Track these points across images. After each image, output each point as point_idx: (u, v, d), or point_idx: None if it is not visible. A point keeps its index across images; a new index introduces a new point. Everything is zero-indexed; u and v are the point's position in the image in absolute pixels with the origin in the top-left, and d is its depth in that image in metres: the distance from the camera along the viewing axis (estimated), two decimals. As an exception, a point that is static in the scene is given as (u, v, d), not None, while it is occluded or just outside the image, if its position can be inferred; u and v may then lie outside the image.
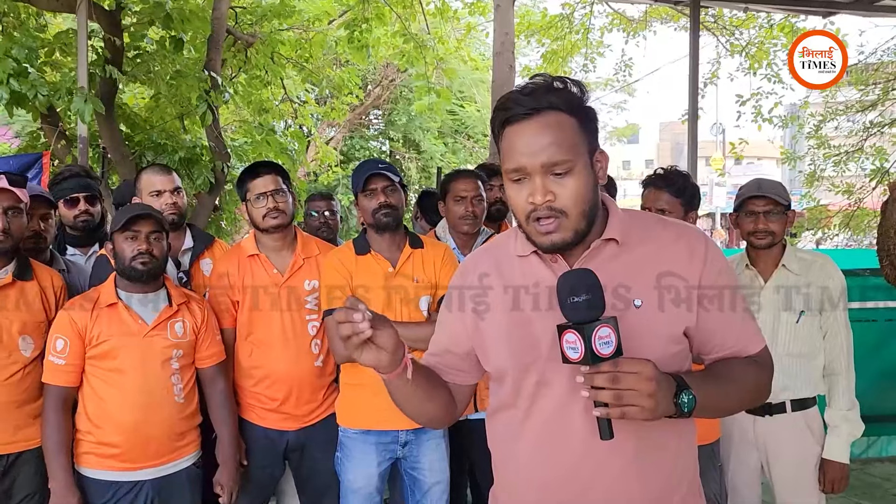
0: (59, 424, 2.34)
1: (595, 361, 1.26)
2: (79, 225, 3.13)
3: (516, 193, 1.40)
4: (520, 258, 1.51)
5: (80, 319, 2.37)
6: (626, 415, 1.26)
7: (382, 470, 2.65)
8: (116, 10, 5.44)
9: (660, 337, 1.42)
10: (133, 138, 6.04)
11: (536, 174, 1.35)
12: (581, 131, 1.38)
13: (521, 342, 1.45)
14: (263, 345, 2.70)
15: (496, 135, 1.44)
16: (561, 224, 1.37)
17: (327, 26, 8.95)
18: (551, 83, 1.39)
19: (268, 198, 2.69)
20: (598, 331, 1.26)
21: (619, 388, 1.25)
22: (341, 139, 15.96)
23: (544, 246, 1.40)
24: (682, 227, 1.54)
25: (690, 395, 1.32)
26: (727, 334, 1.47)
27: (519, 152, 1.37)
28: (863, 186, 9.61)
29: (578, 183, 1.37)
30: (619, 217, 1.47)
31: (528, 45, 13.41)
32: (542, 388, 1.44)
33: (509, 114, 1.38)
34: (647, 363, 1.28)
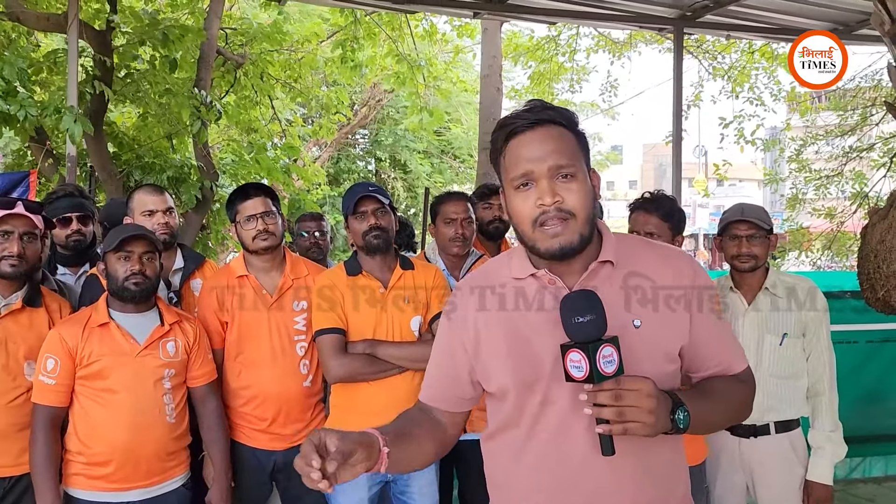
0: (47, 444, 2.33)
1: (599, 380, 1.30)
2: (70, 244, 3.13)
3: (522, 201, 1.42)
4: (517, 280, 1.53)
5: (71, 339, 2.37)
6: (628, 431, 1.30)
7: (373, 494, 2.65)
8: (107, 30, 5.46)
9: (657, 355, 1.46)
10: (121, 157, 6.05)
11: (543, 178, 1.39)
12: (578, 146, 1.45)
13: (522, 362, 1.47)
14: (252, 365, 2.71)
15: (498, 152, 1.48)
16: (569, 226, 1.40)
17: (316, 47, 9.02)
18: (549, 104, 1.47)
19: (258, 220, 2.71)
20: (601, 350, 1.31)
21: (621, 405, 1.29)
22: (328, 159, 15.98)
23: (552, 250, 1.41)
24: (668, 249, 1.60)
25: (685, 411, 1.36)
26: (714, 353, 1.54)
27: (525, 159, 1.41)
28: (843, 210, 9.75)
29: (583, 188, 1.42)
30: (611, 240, 1.51)
31: (515, 68, 13.55)
32: (545, 407, 1.46)
33: (512, 127, 1.44)
34: (648, 381, 1.32)
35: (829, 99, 11.36)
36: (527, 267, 1.51)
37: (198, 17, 6.70)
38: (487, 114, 9.69)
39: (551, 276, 1.48)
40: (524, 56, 12.22)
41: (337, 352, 2.56)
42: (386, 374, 2.59)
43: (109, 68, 5.38)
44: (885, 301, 2.52)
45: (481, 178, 9.40)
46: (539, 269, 1.49)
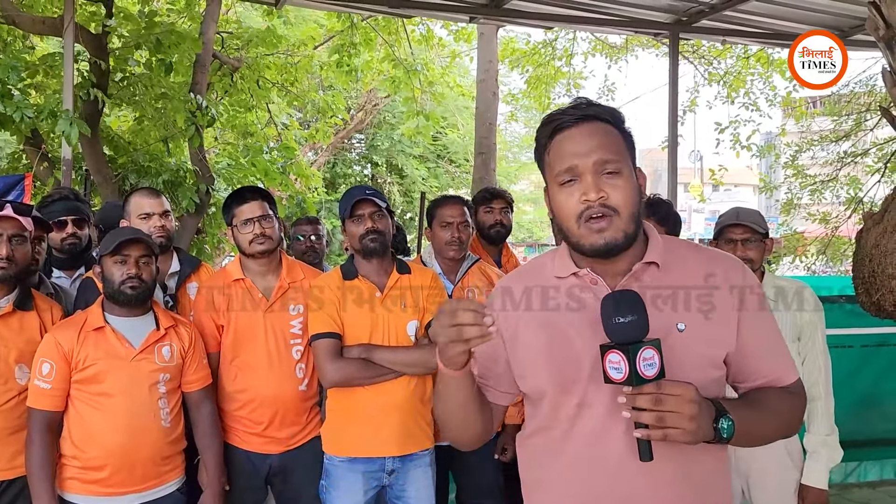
0: (43, 449, 2.32)
1: (638, 382, 1.27)
2: (66, 248, 3.12)
3: (566, 197, 1.40)
4: (558, 280, 1.50)
5: (67, 343, 2.36)
6: (668, 437, 1.27)
7: (369, 498, 2.64)
8: (103, 34, 5.46)
9: (701, 361, 1.42)
10: (116, 160, 6.04)
11: (588, 173, 1.37)
12: (624, 144, 1.43)
13: (561, 363, 1.44)
14: (248, 369, 2.70)
15: (543, 148, 1.46)
16: (613, 222, 1.37)
17: (312, 50, 9.03)
18: (595, 101, 1.45)
19: (254, 223, 2.70)
20: (642, 352, 1.28)
21: (661, 410, 1.26)
22: (324, 163, 15.99)
23: (597, 245, 1.38)
24: (716, 253, 1.57)
25: (730, 420, 1.33)
26: (763, 363, 1.48)
27: (570, 153, 1.39)
28: (838, 215, 9.78)
29: (628, 184, 1.39)
30: (657, 241, 1.49)
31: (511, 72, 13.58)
32: (583, 409, 1.43)
33: (558, 123, 1.42)
34: (690, 386, 1.29)
35: (823, 104, 11.41)
36: (569, 266, 1.49)
37: (195, 20, 6.70)
38: (483, 118, 9.72)
39: (593, 275, 1.45)
40: (521, 61, 12.25)
41: (332, 356, 2.56)
42: (382, 378, 2.59)
43: (105, 72, 5.38)
44: (879, 305, 2.53)
45: (477, 182, 9.42)
46: (581, 268, 1.47)
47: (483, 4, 5.93)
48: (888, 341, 4.60)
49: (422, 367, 2.63)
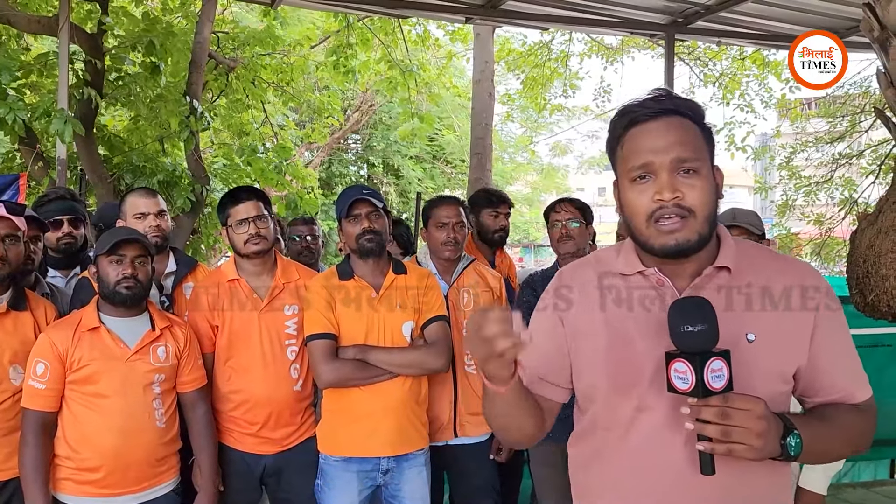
0: (37, 449, 2.31)
1: (705, 394, 1.22)
2: (61, 247, 3.12)
3: (638, 195, 1.34)
4: (623, 276, 1.45)
5: (62, 343, 2.35)
6: (733, 452, 1.22)
7: (364, 498, 2.64)
8: (98, 34, 5.45)
9: (771, 374, 1.36)
10: (111, 160, 6.03)
11: (664, 171, 1.31)
12: (704, 141, 1.36)
13: (621, 365, 1.39)
14: (243, 369, 2.70)
15: (616, 141, 1.39)
16: (687, 223, 1.31)
17: (308, 50, 9.02)
18: (675, 94, 1.39)
19: (249, 224, 2.70)
20: (711, 363, 1.22)
21: (727, 425, 1.21)
22: (320, 164, 15.98)
23: (667, 247, 1.32)
24: (791, 260, 1.49)
25: (798, 438, 1.27)
26: (836, 378, 1.41)
27: (646, 149, 1.32)
28: (832, 216, 9.82)
29: (705, 185, 1.32)
30: (730, 245, 1.42)
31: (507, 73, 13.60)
32: (641, 414, 1.38)
33: (635, 115, 1.35)
34: (759, 401, 1.23)
35: (818, 106, 11.45)
36: (635, 263, 1.43)
37: (190, 20, 6.69)
38: (479, 119, 9.72)
39: (661, 276, 1.39)
40: (517, 62, 12.27)
41: (328, 357, 2.56)
42: (377, 379, 2.59)
43: (100, 71, 5.37)
44: (873, 306, 2.53)
45: (473, 183, 9.42)
46: (648, 266, 1.41)
47: (479, 5, 5.93)
48: (882, 342, 4.61)
49: (417, 368, 2.63)
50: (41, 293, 2.75)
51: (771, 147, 12.39)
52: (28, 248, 2.69)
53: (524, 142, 19.99)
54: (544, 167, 22.55)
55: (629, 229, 1.39)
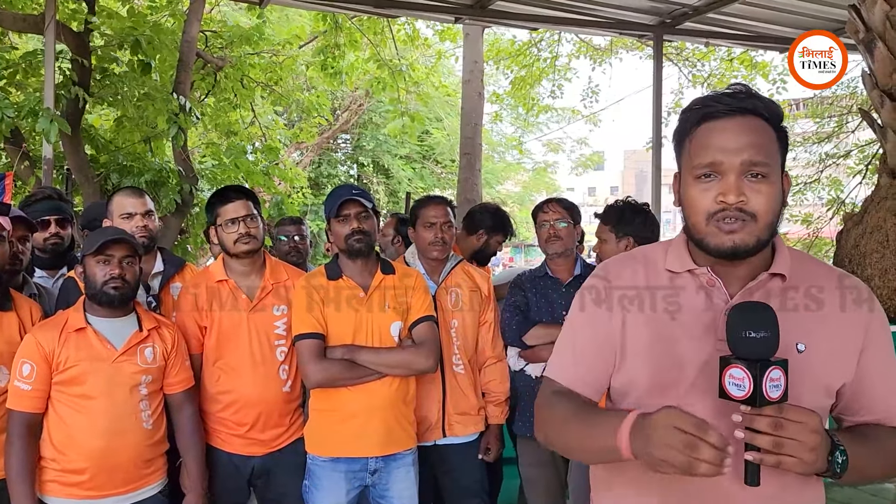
0: (23, 451, 2.29)
1: (762, 404, 1.18)
2: (48, 247, 3.09)
3: (700, 193, 1.29)
4: (671, 274, 1.41)
5: (48, 344, 2.33)
6: (782, 464, 1.18)
7: (351, 498, 2.63)
8: (85, 32, 5.42)
9: (818, 387, 1.33)
10: (98, 160, 5.99)
11: (732, 172, 1.26)
12: (777, 145, 1.31)
13: (664, 362, 1.35)
14: (231, 370, 2.68)
15: (685, 133, 1.35)
16: (746, 226, 1.27)
17: (297, 50, 9.00)
18: (754, 91, 1.33)
19: (239, 223, 2.68)
20: (770, 372, 1.18)
21: (781, 436, 1.17)
22: (309, 163, 15.94)
23: (723, 247, 1.28)
24: (847, 276, 1.44)
25: (845, 455, 1.24)
26: (879, 398, 1.38)
27: (716, 147, 1.27)
28: (820, 216, 9.89)
29: (772, 191, 1.28)
30: (785, 253, 1.38)
31: (496, 72, 13.61)
32: None
33: (709, 110, 1.31)
34: (814, 415, 1.20)
35: (806, 107, 11.53)
36: (685, 261, 1.39)
37: (178, 19, 6.66)
38: (469, 119, 9.73)
39: (712, 276, 1.35)
40: (506, 60, 12.29)
41: (316, 357, 2.55)
42: (365, 379, 2.58)
43: (87, 70, 5.34)
44: (859, 305, 2.56)
45: (462, 182, 9.43)
46: (700, 265, 1.37)
47: (468, 5, 5.93)
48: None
49: (405, 369, 2.63)
50: (29, 293, 2.72)
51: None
52: (16, 248, 2.67)
53: (514, 140, 20.03)
54: (535, 167, 22.60)
55: (685, 225, 1.36)
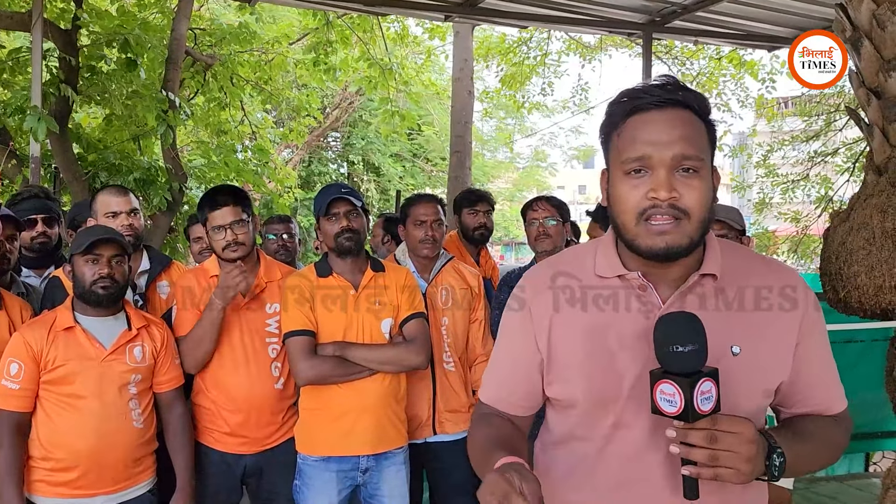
0: (11, 451, 2.28)
1: (694, 418, 1.13)
2: (35, 246, 3.07)
3: (630, 189, 1.23)
4: (601, 279, 1.34)
5: (36, 343, 2.32)
6: (719, 477, 1.14)
7: (343, 498, 2.63)
8: (72, 30, 5.38)
9: (755, 390, 1.29)
10: (86, 158, 5.95)
11: (662, 167, 1.20)
12: (707, 139, 1.27)
13: (599, 377, 1.29)
14: (223, 367, 2.67)
15: (613, 126, 1.28)
16: (680, 225, 1.21)
17: (287, 48, 8.97)
18: (683, 83, 1.28)
19: (226, 230, 2.65)
20: (700, 385, 1.13)
21: (716, 449, 1.13)
22: (299, 161, 15.90)
23: (655, 249, 1.22)
24: (781, 269, 1.40)
25: (782, 457, 1.21)
26: (816, 391, 1.36)
27: (645, 141, 1.22)
28: (809, 214, 9.95)
29: (704, 186, 1.23)
30: (716, 250, 1.32)
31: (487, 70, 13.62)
32: (619, 430, 1.30)
33: (638, 102, 1.24)
34: (749, 423, 1.16)
35: (794, 105, 11.60)
36: (615, 265, 1.32)
37: (166, 16, 6.62)
38: (459, 117, 9.73)
39: (644, 281, 1.29)
40: (496, 58, 12.30)
41: (306, 354, 2.55)
42: (356, 376, 2.58)
43: (75, 68, 5.30)
44: (846, 302, 2.56)
45: (453, 180, 9.43)
46: (630, 269, 1.30)
47: (458, 3, 5.93)
48: (855, 338, 4.67)
49: (396, 365, 2.63)
50: (16, 293, 2.71)
51: (748, 146, 12.54)
52: (4, 247, 2.66)
53: (505, 137, 20.04)
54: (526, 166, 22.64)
55: (614, 224, 1.29)
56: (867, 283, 2.46)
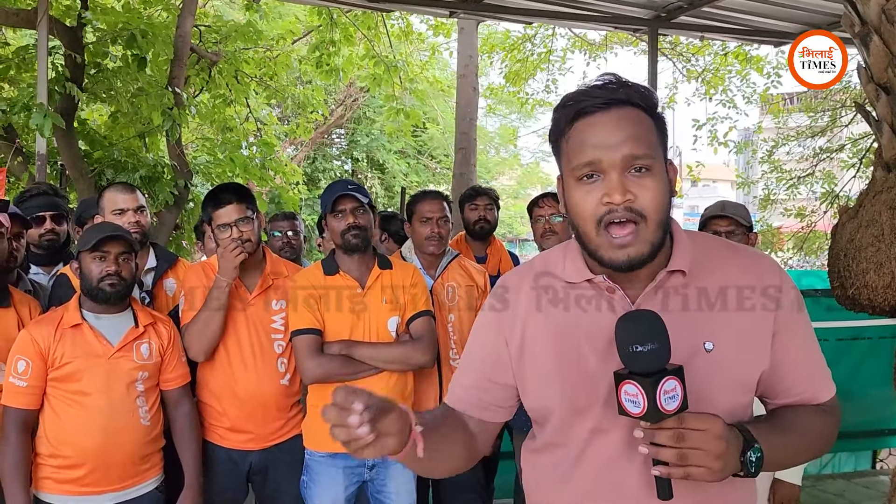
0: (18, 448, 2.28)
1: (658, 418, 1.12)
2: (44, 244, 3.08)
3: (584, 195, 1.21)
4: (569, 285, 1.33)
5: (43, 340, 2.32)
6: (690, 476, 1.12)
7: (350, 493, 2.64)
8: (78, 27, 5.39)
9: (731, 385, 1.26)
10: (92, 155, 5.96)
11: (613, 170, 1.18)
12: (657, 134, 1.24)
13: (574, 383, 1.27)
14: (229, 363, 2.67)
15: (560, 133, 1.26)
16: (639, 233, 1.19)
17: (291, 45, 8.97)
18: (625, 80, 1.24)
19: (231, 228, 2.65)
20: (663, 384, 1.11)
21: (683, 447, 1.12)
22: (304, 158, 15.90)
23: (617, 262, 1.20)
24: (751, 255, 1.36)
25: (759, 452, 1.18)
26: (798, 380, 1.32)
27: (593, 145, 1.19)
28: (814, 210, 9.92)
29: (658, 184, 1.20)
30: (684, 244, 1.30)
31: (491, 67, 13.60)
32: (597, 436, 1.28)
33: (581, 105, 1.22)
34: (716, 420, 1.14)
35: (800, 101, 11.56)
36: (582, 270, 1.31)
37: (172, 13, 6.63)
38: (464, 114, 9.71)
39: (610, 283, 1.27)
40: (500, 54, 12.27)
41: (313, 352, 2.55)
42: (362, 375, 2.58)
43: (80, 65, 5.31)
44: (854, 299, 2.55)
45: (458, 177, 9.42)
46: (597, 273, 1.29)
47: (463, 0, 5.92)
48: (862, 335, 4.66)
49: (403, 364, 2.63)
50: (24, 290, 2.71)
51: (753, 142, 12.50)
52: (11, 245, 2.66)
53: (509, 133, 20.01)
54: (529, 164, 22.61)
55: (576, 233, 1.26)
56: (876, 280, 2.45)
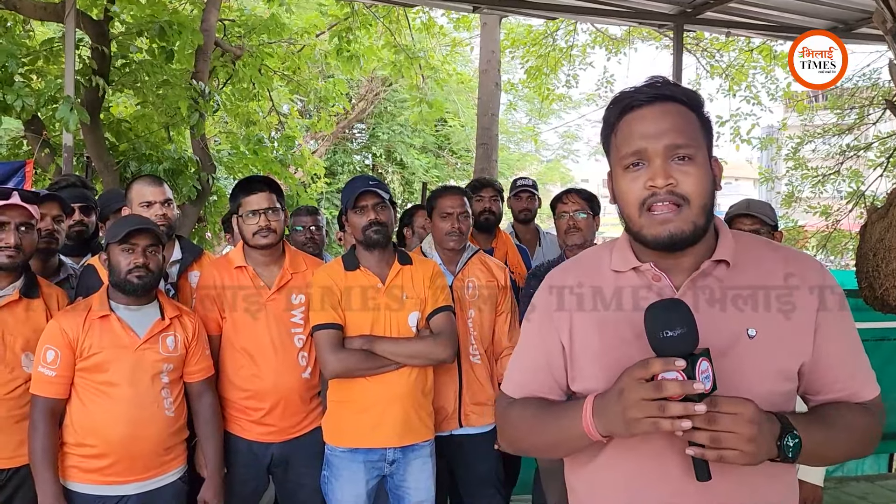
0: (46, 437, 2.32)
1: (691, 399, 1.15)
2: (72, 234, 3.11)
3: (630, 182, 1.29)
4: (617, 274, 1.39)
5: (72, 330, 2.36)
6: (724, 458, 1.16)
7: (371, 488, 2.65)
8: (104, 20, 5.44)
9: (772, 371, 1.30)
10: (118, 147, 6.02)
11: (657, 157, 1.26)
12: (701, 128, 1.31)
13: (617, 365, 1.29)
14: (250, 357, 2.70)
15: (610, 128, 1.35)
16: (681, 212, 1.25)
17: (315, 38, 8.99)
18: (672, 80, 1.34)
19: (260, 216, 2.69)
20: (699, 364, 1.16)
21: (716, 430, 1.15)
22: (324, 153, 15.95)
23: (660, 238, 1.27)
24: (793, 251, 1.42)
25: (797, 438, 1.21)
26: (840, 376, 1.35)
27: (639, 135, 1.28)
28: (839, 208, 9.78)
29: (700, 172, 1.27)
30: (729, 238, 1.36)
31: (513, 62, 13.54)
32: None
33: (629, 101, 1.31)
34: (748, 403, 1.17)
35: (826, 98, 11.40)
36: (629, 259, 1.37)
37: (197, 6, 6.67)
38: (486, 109, 9.67)
39: (657, 271, 1.34)
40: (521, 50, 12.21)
41: (334, 347, 2.56)
42: (383, 370, 2.59)
43: (107, 58, 5.36)
44: (882, 299, 2.52)
45: (479, 173, 9.39)
46: (644, 262, 1.35)
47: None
48: (889, 336, 4.60)
49: (423, 359, 2.63)
50: (65, 275, 2.76)
51: (777, 139, 12.34)
52: (51, 226, 2.72)
53: (530, 130, 19.92)
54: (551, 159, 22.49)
55: (623, 220, 1.34)
56: (905, 281, 2.42)
